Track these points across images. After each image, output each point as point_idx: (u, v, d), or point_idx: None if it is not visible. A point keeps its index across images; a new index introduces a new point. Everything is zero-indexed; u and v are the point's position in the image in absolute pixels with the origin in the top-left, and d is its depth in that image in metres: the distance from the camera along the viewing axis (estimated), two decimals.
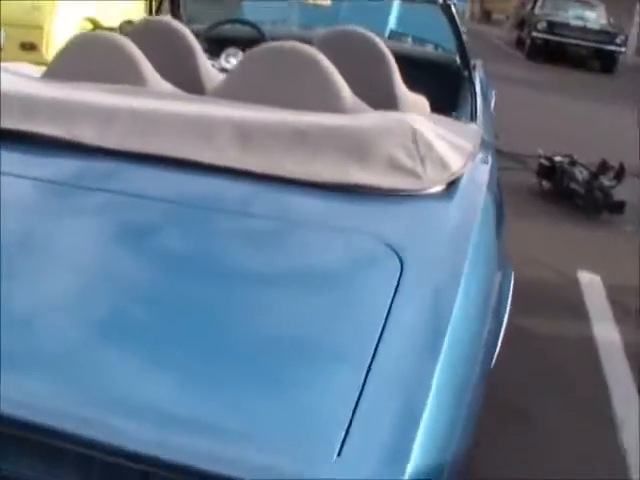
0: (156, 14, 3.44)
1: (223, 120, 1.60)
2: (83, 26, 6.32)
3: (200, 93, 2.21)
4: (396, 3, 4.34)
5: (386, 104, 2.26)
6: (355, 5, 4.04)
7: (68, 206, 1.42)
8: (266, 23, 3.42)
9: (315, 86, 1.89)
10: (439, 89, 2.95)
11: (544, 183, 5.57)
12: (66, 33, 6.13)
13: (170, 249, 1.30)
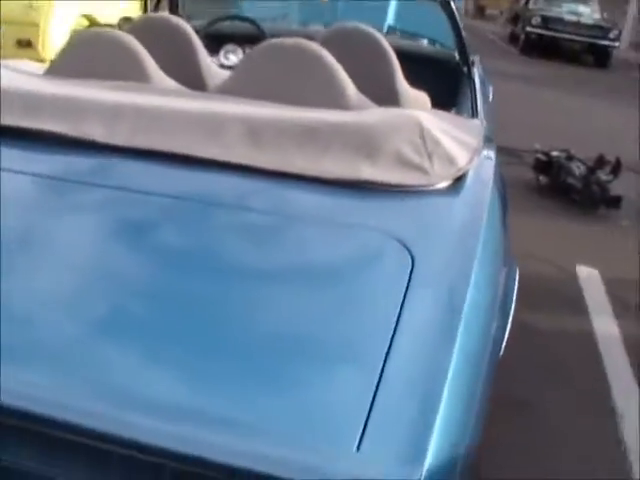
0: (154, 11, 3.44)
1: (232, 117, 1.60)
2: (79, 23, 6.30)
3: (202, 89, 2.20)
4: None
5: (388, 100, 2.26)
6: (353, 1, 4.03)
7: (74, 203, 1.42)
8: (264, 20, 3.41)
9: (320, 83, 1.89)
10: (438, 85, 2.95)
11: (541, 178, 5.59)
12: (62, 30, 6.13)
13: (184, 245, 1.30)
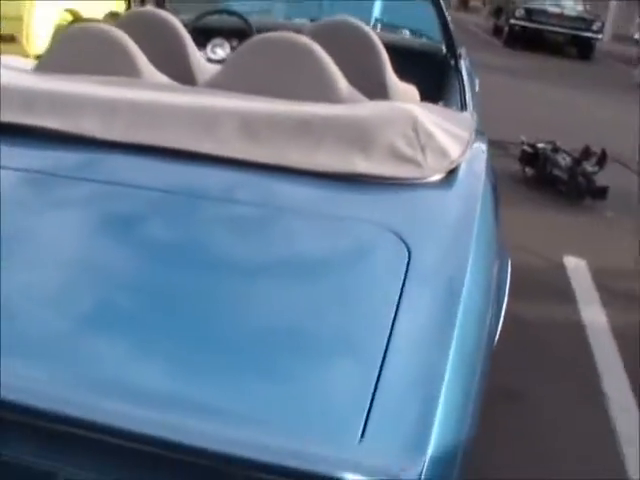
0: (141, 6, 3.42)
1: (226, 111, 1.60)
2: (64, 18, 6.26)
3: (191, 84, 2.19)
4: None
5: (377, 93, 2.26)
6: None
7: (73, 198, 1.41)
8: (249, 15, 3.40)
9: (311, 76, 1.90)
10: (426, 78, 2.96)
11: (527, 170, 5.62)
12: (46, 25, 6.10)
13: (182, 239, 1.31)
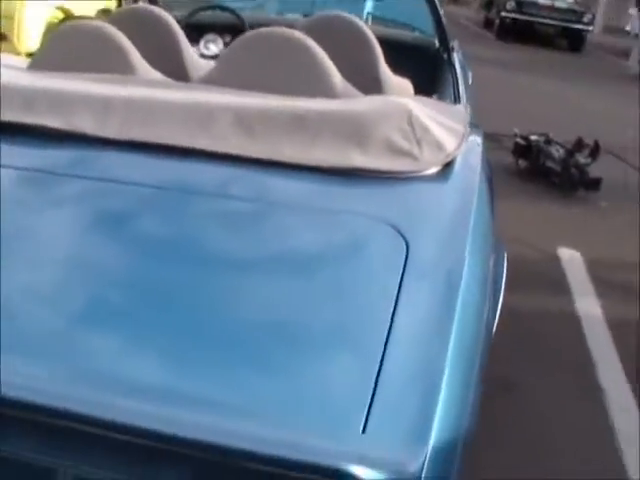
0: (133, 2, 3.41)
1: (221, 107, 1.60)
2: (55, 15, 6.24)
3: (185, 80, 2.19)
4: None
5: (371, 88, 2.26)
6: None
7: (69, 195, 1.42)
8: (241, 10, 3.40)
9: (305, 71, 1.90)
10: (419, 72, 2.97)
11: (520, 162, 5.64)
12: (37, 23, 6.07)
13: (180, 235, 1.31)
